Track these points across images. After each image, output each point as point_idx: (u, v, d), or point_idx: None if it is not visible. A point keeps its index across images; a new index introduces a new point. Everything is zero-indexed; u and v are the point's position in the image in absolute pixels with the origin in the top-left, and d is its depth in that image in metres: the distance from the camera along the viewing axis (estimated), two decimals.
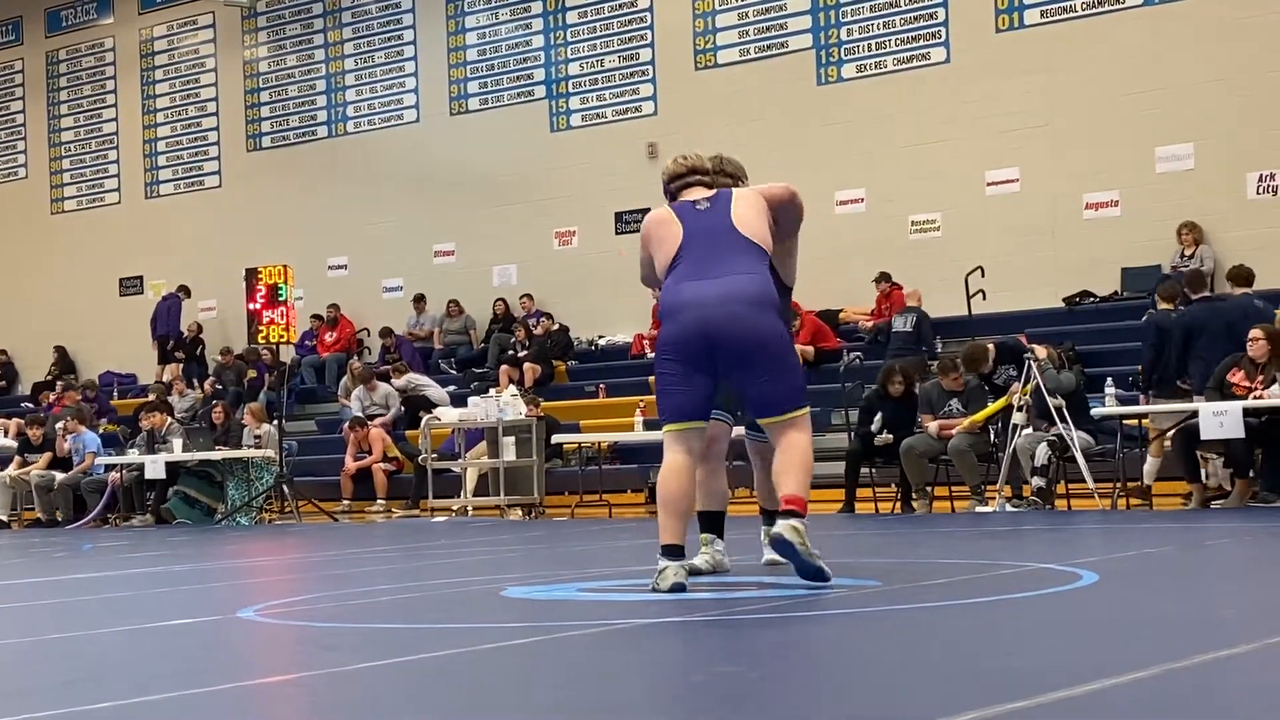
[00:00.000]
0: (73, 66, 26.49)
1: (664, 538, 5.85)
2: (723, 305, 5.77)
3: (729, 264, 5.86)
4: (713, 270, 5.84)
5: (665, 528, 5.86)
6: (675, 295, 5.88)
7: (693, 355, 5.82)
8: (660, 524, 5.92)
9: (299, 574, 8.99)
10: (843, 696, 3.53)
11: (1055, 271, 17.68)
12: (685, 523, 5.90)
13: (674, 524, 5.85)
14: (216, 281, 23.46)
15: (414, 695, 3.69)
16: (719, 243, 5.92)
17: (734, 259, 5.87)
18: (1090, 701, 3.22)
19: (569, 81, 21.47)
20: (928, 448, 13.01)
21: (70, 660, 4.77)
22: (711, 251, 5.89)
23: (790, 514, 5.70)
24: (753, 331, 5.77)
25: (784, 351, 5.91)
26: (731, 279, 5.81)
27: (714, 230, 5.96)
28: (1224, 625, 4.67)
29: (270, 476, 16.71)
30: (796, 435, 5.86)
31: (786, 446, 5.86)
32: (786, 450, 5.86)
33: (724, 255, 5.88)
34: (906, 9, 18.92)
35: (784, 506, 5.74)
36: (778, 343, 5.86)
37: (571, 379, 20.09)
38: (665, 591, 5.69)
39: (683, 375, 5.87)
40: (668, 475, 5.89)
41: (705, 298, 5.79)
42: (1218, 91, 16.90)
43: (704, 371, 5.85)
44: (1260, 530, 9.28)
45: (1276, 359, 11.65)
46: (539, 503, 15.63)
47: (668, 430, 5.94)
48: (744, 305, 5.78)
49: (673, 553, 5.82)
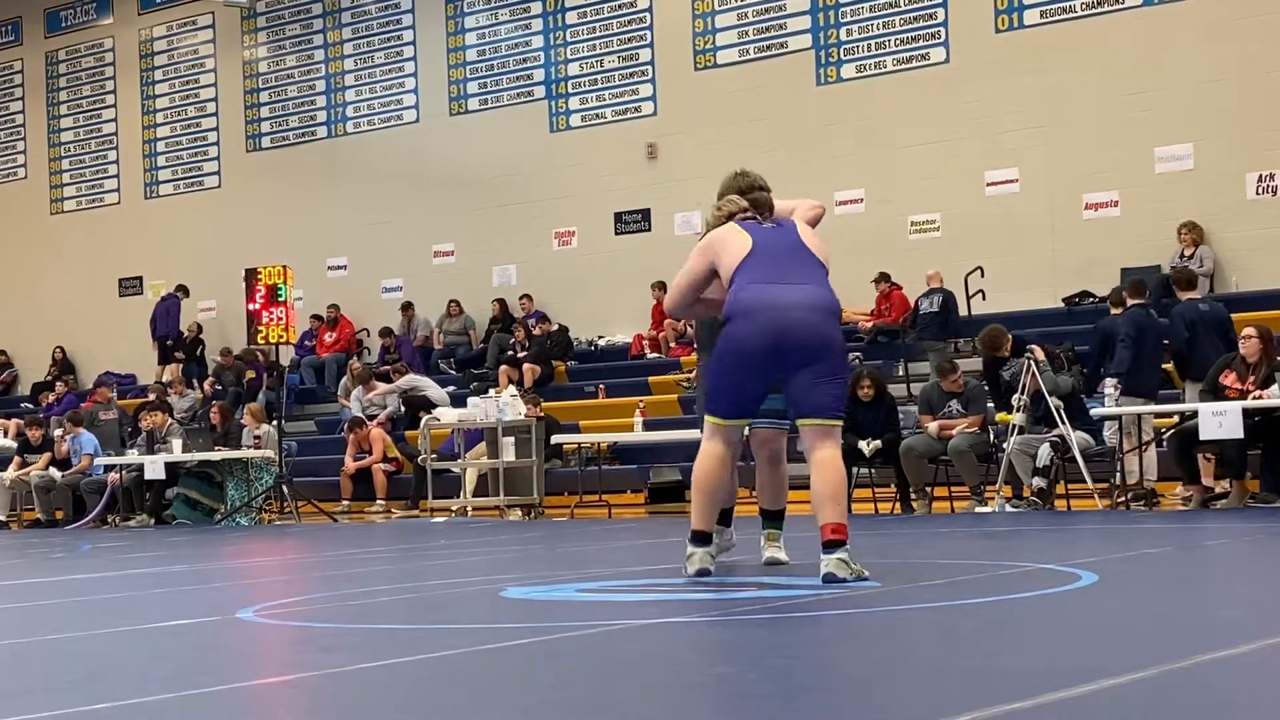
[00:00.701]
0: (72, 67, 26.49)
1: (695, 523, 6.26)
2: (800, 310, 6.05)
3: (803, 273, 6.16)
4: (790, 276, 6.12)
5: (698, 514, 6.27)
6: (754, 294, 6.08)
7: (760, 354, 6.05)
8: (694, 509, 6.31)
9: (298, 574, 8.99)
10: (842, 697, 3.53)
11: (1054, 272, 17.68)
12: (716, 511, 6.30)
13: (707, 511, 6.25)
14: (216, 282, 23.46)
15: (413, 696, 3.69)
16: (790, 255, 6.20)
17: (806, 270, 6.18)
18: (1090, 702, 3.22)
19: (568, 82, 21.47)
20: (927, 448, 13.01)
21: (69, 661, 4.77)
22: (784, 261, 6.17)
23: (835, 544, 5.92)
24: (825, 336, 6.08)
25: (844, 362, 6.33)
26: (807, 287, 6.11)
27: (784, 243, 6.24)
28: (1223, 625, 4.67)
29: (270, 477, 16.71)
30: (833, 454, 6.09)
31: (823, 467, 6.05)
32: (823, 471, 6.04)
33: (797, 265, 6.17)
34: (906, 9, 18.93)
35: (828, 537, 5.93)
36: (840, 353, 6.20)
37: (571, 379, 20.09)
38: (693, 575, 6.17)
39: (744, 373, 6.12)
40: (710, 462, 6.20)
41: (785, 301, 6.05)
42: (1217, 91, 16.90)
43: (762, 374, 6.12)
44: (1259, 531, 9.28)
45: (1268, 358, 11.64)
46: (538, 503, 15.62)
47: (714, 422, 6.22)
48: (819, 312, 6.09)
49: (700, 539, 6.24)
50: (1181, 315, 13.09)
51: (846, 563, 5.88)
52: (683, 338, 19.63)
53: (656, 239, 20.27)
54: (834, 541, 5.90)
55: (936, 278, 17.29)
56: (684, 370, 18.23)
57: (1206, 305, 13.34)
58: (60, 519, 18.16)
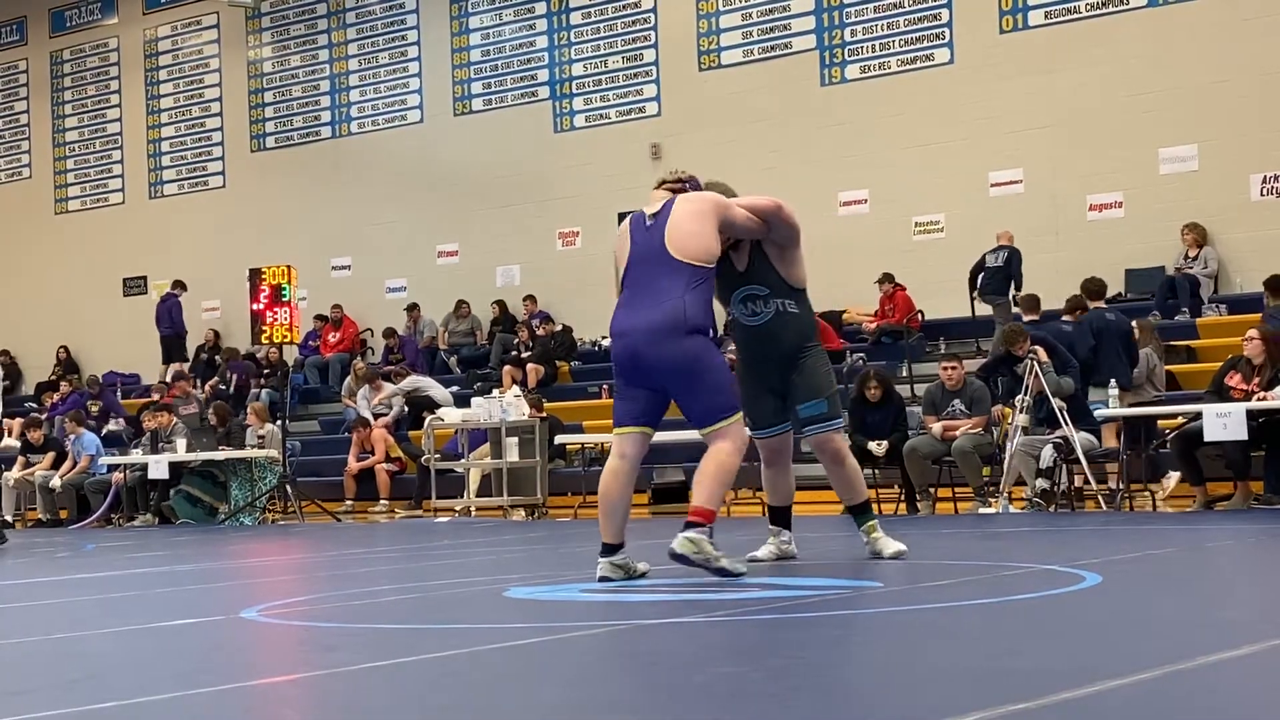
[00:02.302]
0: (77, 66, 26.52)
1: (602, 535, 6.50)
2: (642, 334, 6.35)
3: (656, 291, 6.37)
4: (641, 300, 6.40)
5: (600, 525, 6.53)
6: (614, 323, 6.51)
7: (628, 372, 6.45)
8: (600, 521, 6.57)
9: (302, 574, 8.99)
10: (845, 697, 3.53)
11: (1058, 273, 17.67)
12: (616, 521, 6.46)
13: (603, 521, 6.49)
14: (220, 282, 23.48)
15: (416, 696, 3.69)
16: (651, 268, 6.43)
17: (661, 283, 6.37)
18: (1094, 703, 3.22)
19: (573, 82, 21.48)
20: (931, 449, 13.00)
21: (73, 660, 4.78)
22: (644, 277, 6.44)
23: (691, 524, 6.21)
24: (668, 358, 6.30)
25: (701, 370, 6.34)
26: (652, 311, 6.34)
27: (649, 253, 6.45)
28: (1227, 626, 4.67)
29: (273, 476, 16.71)
30: (717, 446, 6.34)
31: (705, 457, 6.38)
32: (704, 459, 6.38)
33: (654, 280, 6.39)
34: (910, 10, 18.93)
35: (689, 518, 6.25)
36: (693, 363, 6.32)
37: (575, 380, 20.09)
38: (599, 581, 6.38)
39: (623, 387, 6.54)
40: (603, 476, 6.55)
41: (631, 326, 6.39)
42: (1222, 93, 16.89)
43: (638, 389, 6.46)
44: (1262, 532, 9.28)
45: (1272, 359, 11.64)
46: (542, 503, 15.63)
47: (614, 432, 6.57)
48: (660, 333, 6.31)
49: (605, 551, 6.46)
50: (1089, 324, 13.87)
51: (694, 541, 6.15)
52: None
53: None
54: (691, 523, 6.21)
55: (1006, 235, 17.32)
56: None
57: (1113, 315, 13.96)
58: (64, 519, 18.17)
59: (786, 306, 6.89)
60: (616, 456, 6.50)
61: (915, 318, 17.93)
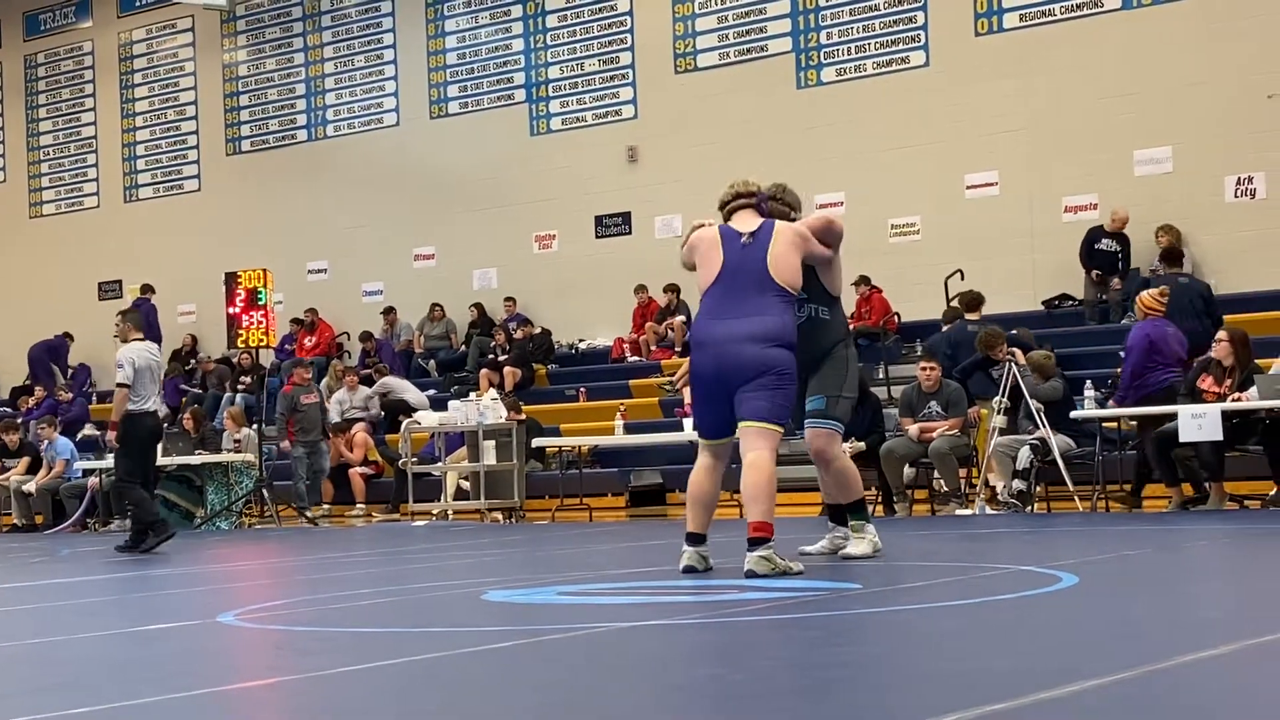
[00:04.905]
0: (51, 70, 26.41)
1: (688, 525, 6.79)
2: (731, 341, 6.64)
3: (749, 307, 6.69)
4: (731, 311, 6.70)
5: (688, 517, 6.81)
6: (699, 330, 6.83)
7: (711, 380, 6.74)
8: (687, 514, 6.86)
9: (279, 578, 8.97)
10: (824, 698, 3.53)
11: (1034, 274, 17.73)
12: (705, 514, 6.76)
13: (693, 514, 6.77)
14: (196, 286, 23.39)
15: (394, 699, 3.69)
16: (745, 284, 6.74)
17: (754, 300, 6.69)
18: (1070, 703, 3.23)
19: (549, 85, 21.47)
20: (907, 451, 13.02)
21: (48, 665, 4.76)
22: (738, 291, 6.73)
23: (756, 542, 6.44)
24: (751, 359, 6.60)
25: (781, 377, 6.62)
26: (744, 322, 6.66)
27: (746, 270, 6.76)
28: (1203, 627, 4.69)
29: (250, 481, 16.67)
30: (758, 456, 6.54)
31: (750, 469, 6.57)
32: (749, 472, 6.57)
33: (748, 297, 6.71)
34: (886, 13, 18.96)
35: (750, 535, 6.47)
36: (781, 368, 6.63)
37: (552, 382, 20.07)
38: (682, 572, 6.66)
39: (705, 397, 6.83)
40: (694, 473, 6.84)
41: (728, 334, 6.66)
42: (1196, 95, 16.95)
43: (718, 397, 6.72)
44: (1237, 532, 9.32)
45: (1240, 361, 11.69)
46: (519, 507, 15.61)
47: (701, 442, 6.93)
48: (758, 341, 6.61)
49: (690, 540, 6.74)
50: (947, 336, 14.50)
51: (768, 559, 6.39)
52: (663, 341, 19.65)
53: (637, 242, 20.28)
54: (756, 539, 6.42)
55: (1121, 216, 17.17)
56: (664, 373, 18.23)
57: (974, 327, 14.13)
58: (40, 524, 18.09)
59: (820, 312, 7.20)
60: (709, 457, 6.84)
61: (892, 319, 17.96)
